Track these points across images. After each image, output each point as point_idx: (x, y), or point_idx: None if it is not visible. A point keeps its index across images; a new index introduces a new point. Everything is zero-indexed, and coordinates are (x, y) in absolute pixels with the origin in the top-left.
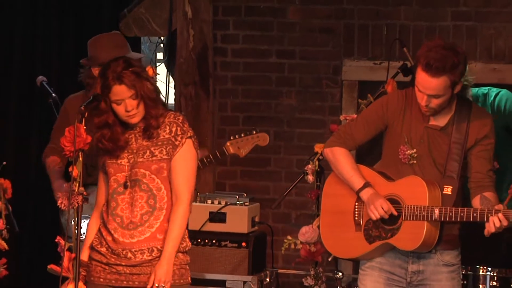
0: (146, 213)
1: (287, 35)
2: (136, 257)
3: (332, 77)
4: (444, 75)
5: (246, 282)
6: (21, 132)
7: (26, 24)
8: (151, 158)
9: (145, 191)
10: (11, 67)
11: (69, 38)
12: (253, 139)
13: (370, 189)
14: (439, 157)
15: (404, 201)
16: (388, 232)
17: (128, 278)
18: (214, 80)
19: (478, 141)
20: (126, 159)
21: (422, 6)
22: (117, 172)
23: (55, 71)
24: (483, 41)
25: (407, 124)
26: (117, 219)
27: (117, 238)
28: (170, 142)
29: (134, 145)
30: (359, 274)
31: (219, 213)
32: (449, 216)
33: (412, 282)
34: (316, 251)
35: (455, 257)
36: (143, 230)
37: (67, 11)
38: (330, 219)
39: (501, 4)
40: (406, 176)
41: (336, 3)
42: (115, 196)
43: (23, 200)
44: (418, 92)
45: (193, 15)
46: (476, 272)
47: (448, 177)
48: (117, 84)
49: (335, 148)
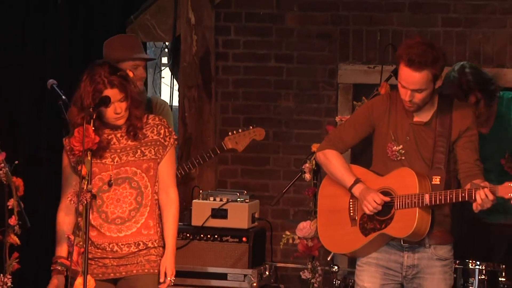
0: (134, 209)
1: (285, 40)
2: (123, 250)
3: (328, 80)
4: (426, 69)
5: (246, 275)
6: (33, 133)
7: (37, 30)
8: (142, 157)
9: (134, 188)
10: (23, 70)
11: (78, 43)
12: (250, 134)
13: (361, 185)
14: (425, 151)
15: (395, 192)
16: (382, 223)
17: (115, 270)
18: (216, 83)
19: (461, 133)
20: (109, 158)
21: (414, 13)
22: (102, 171)
23: (64, 74)
24: (472, 46)
25: (392, 123)
26: (103, 215)
27: (103, 232)
28: (159, 143)
29: (117, 145)
30: (356, 270)
31: (220, 209)
32: (439, 199)
33: (407, 276)
34: (313, 245)
35: (448, 251)
36: (130, 225)
37: (76, 17)
38: (327, 218)
39: (489, 11)
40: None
41: (332, 10)
42: (100, 194)
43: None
44: (402, 89)
45: (196, 22)
46: (466, 266)
47: (435, 168)
48: (109, 88)
49: (327, 151)
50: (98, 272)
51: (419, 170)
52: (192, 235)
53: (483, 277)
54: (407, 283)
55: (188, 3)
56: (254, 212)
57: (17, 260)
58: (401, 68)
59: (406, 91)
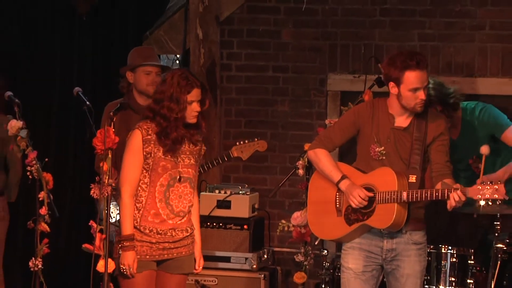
0: (191, 206)
1: (281, 53)
2: (179, 235)
3: (318, 88)
4: (426, 68)
5: (247, 258)
6: (61, 134)
7: (64, 45)
8: (196, 163)
9: (192, 188)
10: (53, 79)
11: (100, 56)
12: (254, 145)
13: (347, 180)
14: (403, 153)
15: (377, 188)
16: (364, 215)
17: (170, 252)
18: (221, 90)
19: (435, 138)
20: (179, 158)
21: (394, 29)
22: (173, 168)
23: (88, 83)
24: (444, 58)
25: (375, 126)
26: (169, 207)
27: (167, 221)
28: (199, 153)
29: (185, 148)
30: (341, 253)
31: (225, 201)
32: (415, 196)
33: (387, 258)
34: (305, 232)
35: (422, 237)
36: (187, 217)
37: (98, 33)
38: (316, 208)
39: (459, 27)
40: (377, 169)
41: (322, 27)
42: (170, 188)
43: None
44: (413, 95)
45: (203, 37)
46: (439, 250)
47: (412, 168)
48: (197, 87)
49: (317, 150)
50: (156, 254)
51: (398, 169)
52: (200, 223)
53: (454, 260)
54: (387, 265)
55: (197, 21)
56: (254, 203)
57: (47, 245)
58: (410, 75)
59: (421, 92)
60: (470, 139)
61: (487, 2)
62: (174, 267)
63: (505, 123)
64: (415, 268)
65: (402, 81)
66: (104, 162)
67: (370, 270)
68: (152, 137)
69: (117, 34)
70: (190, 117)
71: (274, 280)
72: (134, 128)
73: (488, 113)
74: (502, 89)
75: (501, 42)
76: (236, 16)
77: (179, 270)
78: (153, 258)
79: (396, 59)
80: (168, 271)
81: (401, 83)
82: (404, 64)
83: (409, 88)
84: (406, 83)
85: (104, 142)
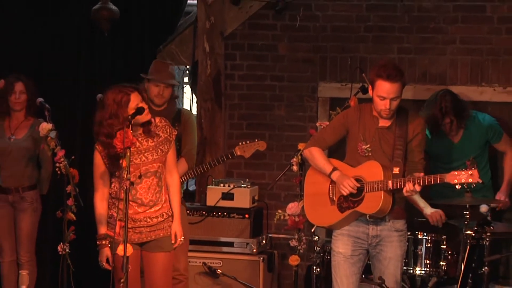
0: (158, 192)
1: (278, 64)
2: (153, 221)
3: (310, 95)
4: (399, 80)
5: (248, 243)
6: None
7: (89, 57)
8: (162, 153)
9: (158, 178)
10: (78, 86)
11: (120, 66)
12: (255, 145)
13: (338, 172)
14: (387, 149)
15: (365, 179)
16: (355, 203)
17: (147, 235)
18: (225, 97)
19: (414, 136)
20: (143, 156)
21: (376, 43)
22: (136, 169)
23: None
24: (420, 68)
25: (362, 127)
26: (139, 201)
27: (140, 211)
28: (167, 140)
29: (149, 144)
30: (332, 239)
31: (228, 193)
32: (399, 184)
33: (372, 243)
34: (299, 221)
35: (403, 225)
36: (158, 203)
37: (118, 46)
38: (312, 200)
39: (433, 42)
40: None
41: (314, 41)
42: (137, 186)
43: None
44: (381, 101)
45: (210, 50)
46: (416, 236)
47: (395, 161)
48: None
49: (312, 148)
50: (135, 238)
51: (383, 163)
52: (207, 213)
53: (429, 245)
54: (372, 249)
55: (204, 36)
56: (254, 195)
57: (73, 232)
58: (380, 83)
59: (386, 101)
60: (469, 144)
61: (458, 20)
62: (155, 246)
63: (501, 131)
64: (397, 252)
65: (374, 87)
66: (123, 160)
67: (358, 254)
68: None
69: (135, 48)
70: (143, 116)
71: (272, 262)
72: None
73: (489, 120)
74: (470, 96)
75: (470, 55)
76: (238, 32)
77: (159, 249)
78: (133, 241)
79: (377, 66)
80: (150, 250)
81: (374, 88)
82: (379, 73)
83: (377, 94)
84: (376, 90)
85: (123, 142)
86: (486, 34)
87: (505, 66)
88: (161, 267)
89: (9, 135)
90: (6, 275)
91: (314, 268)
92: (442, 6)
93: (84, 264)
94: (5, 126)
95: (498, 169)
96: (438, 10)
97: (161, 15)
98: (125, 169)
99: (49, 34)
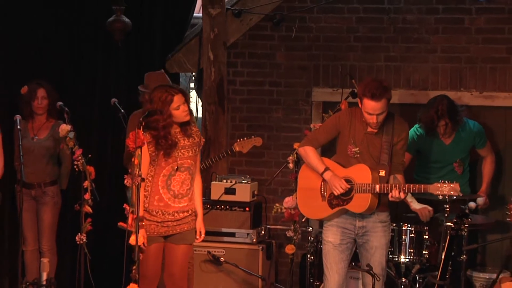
0: (189, 189)
1: (276, 71)
2: (180, 215)
3: (305, 99)
4: (384, 97)
5: (248, 233)
6: (101, 135)
7: (104, 64)
8: (194, 154)
9: (191, 174)
10: (94, 92)
11: (132, 73)
12: (252, 141)
13: (330, 172)
14: (374, 152)
15: (355, 180)
16: (344, 201)
17: (173, 229)
18: (228, 101)
19: (398, 141)
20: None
21: (364, 52)
22: (173, 161)
23: (123, 95)
24: (404, 75)
25: (352, 131)
26: (171, 192)
27: (170, 204)
28: (198, 144)
29: (185, 143)
30: (323, 230)
31: (231, 188)
32: (386, 189)
33: (359, 234)
34: (294, 213)
35: (387, 216)
36: (186, 199)
37: (131, 55)
38: (304, 193)
39: (416, 51)
40: (353, 165)
41: (308, 50)
42: (172, 177)
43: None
44: (369, 116)
45: (214, 59)
46: (400, 227)
47: (381, 164)
48: (177, 94)
49: (306, 147)
50: (162, 231)
51: (370, 165)
52: (211, 206)
53: (413, 235)
54: (358, 239)
55: (208, 46)
56: (254, 190)
57: (90, 224)
58: (366, 102)
59: (373, 117)
60: (458, 146)
61: (439, 31)
62: (179, 239)
63: (486, 139)
64: (381, 241)
65: (362, 103)
66: (135, 158)
67: (346, 242)
68: (152, 142)
69: (146, 56)
70: (183, 117)
71: (270, 251)
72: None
73: (478, 127)
74: None
75: (450, 63)
76: (239, 42)
77: (182, 241)
78: (159, 234)
79: (363, 85)
80: (174, 242)
81: (362, 104)
82: (364, 92)
83: (365, 111)
84: (364, 106)
85: (135, 142)
86: (464, 43)
87: (481, 73)
88: (182, 257)
89: (32, 136)
90: (29, 263)
91: (308, 256)
92: (425, 18)
93: (99, 253)
94: (28, 127)
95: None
96: (420, 22)
97: (169, 27)
98: (136, 166)
99: (68, 43)
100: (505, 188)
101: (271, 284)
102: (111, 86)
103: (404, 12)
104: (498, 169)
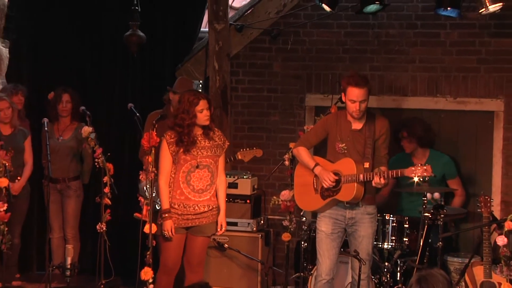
0: (209, 184)
1: (273, 79)
2: (201, 209)
3: (299, 104)
4: (366, 86)
5: (249, 223)
6: (119, 136)
7: (121, 73)
8: (214, 154)
9: (211, 172)
10: (113, 97)
11: (146, 81)
12: (253, 152)
13: (319, 167)
14: (359, 147)
15: (342, 173)
16: (334, 192)
17: (193, 221)
18: (231, 106)
19: (380, 135)
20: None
21: (352, 63)
22: (192, 159)
23: (138, 100)
24: (387, 82)
25: (339, 130)
26: (190, 187)
27: (190, 198)
28: (220, 146)
29: (206, 144)
30: (316, 220)
31: (233, 183)
32: (368, 177)
33: (348, 224)
34: (290, 205)
35: (373, 209)
36: (206, 194)
37: (145, 65)
38: (300, 189)
39: (397, 61)
40: (342, 159)
41: (302, 61)
42: (191, 173)
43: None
44: (352, 104)
45: (218, 68)
46: (384, 218)
47: (366, 157)
48: (203, 99)
49: (299, 147)
50: (182, 223)
51: (356, 159)
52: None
53: (394, 224)
54: (348, 228)
55: (214, 57)
56: (254, 184)
57: (109, 214)
58: (350, 90)
59: (356, 104)
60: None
61: (417, 44)
62: (198, 231)
63: (456, 171)
64: (368, 231)
65: (346, 93)
66: (149, 156)
67: (337, 232)
68: (173, 140)
69: (158, 66)
70: (204, 120)
71: (268, 238)
72: (162, 138)
73: (450, 161)
74: (427, 105)
75: (427, 72)
76: (241, 53)
77: (201, 233)
78: (180, 226)
79: (347, 77)
80: (193, 234)
81: (346, 94)
82: (349, 81)
83: (349, 99)
84: (348, 95)
85: (149, 142)
86: (440, 55)
87: (455, 81)
88: (200, 248)
89: (57, 136)
90: (55, 249)
91: (302, 243)
92: (405, 32)
93: (117, 240)
94: (54, 129)
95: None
96: (401, 36)
97: (179, 40)
98: (150, 163)
99: (90, 54)
100: (477, 185)
101: (269, 267)
102: (128, 92)
103: (386, 27)
104: (472, 168)
